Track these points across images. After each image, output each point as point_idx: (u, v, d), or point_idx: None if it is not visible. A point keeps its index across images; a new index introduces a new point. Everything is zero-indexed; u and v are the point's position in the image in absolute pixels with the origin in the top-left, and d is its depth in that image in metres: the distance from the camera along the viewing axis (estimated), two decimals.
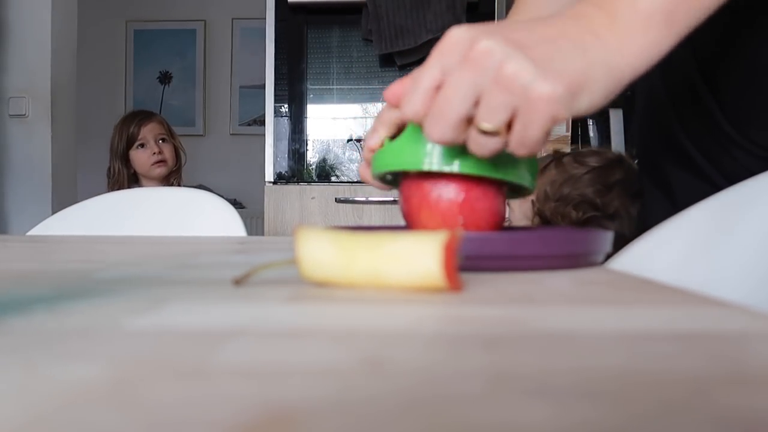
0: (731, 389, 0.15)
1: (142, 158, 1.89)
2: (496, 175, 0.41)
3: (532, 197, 1.00)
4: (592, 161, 1.00)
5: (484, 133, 0.37)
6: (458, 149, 0.40)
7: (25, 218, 2.38)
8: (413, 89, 0.38)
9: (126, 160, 1.90)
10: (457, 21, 1.87)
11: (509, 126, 0.37)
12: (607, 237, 0.43)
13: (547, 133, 0.37)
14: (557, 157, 1.04)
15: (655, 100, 0.69)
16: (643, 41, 0.40)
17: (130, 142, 1.89)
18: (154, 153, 1.88)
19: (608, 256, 0.48)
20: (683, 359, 0.18)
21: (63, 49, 2.50)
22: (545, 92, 0.36)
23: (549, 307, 0.27)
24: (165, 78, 3.92)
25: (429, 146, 0.41)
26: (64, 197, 2.39)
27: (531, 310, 0.26)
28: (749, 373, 0.17)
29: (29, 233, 1.00)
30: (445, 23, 1.87)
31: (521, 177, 0.42)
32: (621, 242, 0.62)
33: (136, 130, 1.88)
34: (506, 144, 0.38)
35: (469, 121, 0.37)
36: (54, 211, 1.75)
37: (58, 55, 2.46)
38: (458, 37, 0.37)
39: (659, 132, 0.69)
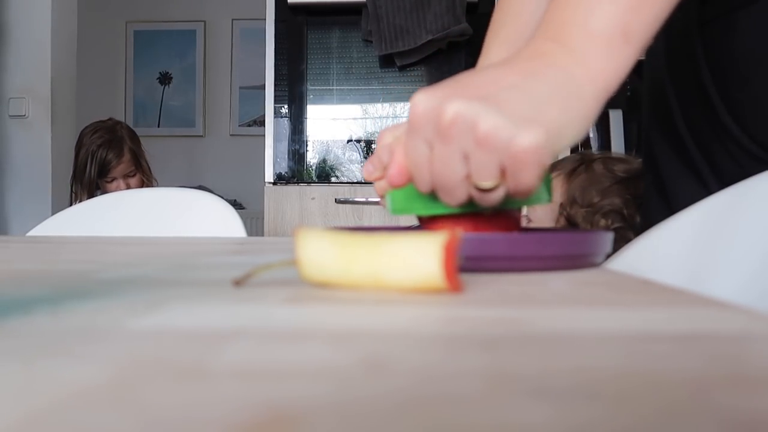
0: (731, 390, 0.15)
1: (110, 188, 1.98)
2: (512, 206, 0.42)
3: (561, 200, 1.00)
4: (620, 170, 0.99)
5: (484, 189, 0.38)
6: None
7: (25, 218, 2.38)
8: (415, 168, 0.40)
9: (93, 186, 1.94)
10: (457, 22, 1.87)
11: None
12: (607, 238, 0.43)
13: (541, 176, 0.37)
14: (587, 161, 1.03)
15: (659, 92, 0.69)
16: (607, 64, 0.41)
17: (101, 174, 1.93)
18: (120, 188, 1.97)
19: (607, 257, 0.48)
20: (683, 360, 0.18)
21: (63, 49, 2.50)
22: (527, 145, 0.36)
23: (549, 308, 0.27)
24: (165, 78, 3.92)
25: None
26: (64, 197, 2.39)
27: (531, 310, 0.26)
28: (749, 374, 0.17)
29: (29, 234, 1.00)
30: (445, 24, 1.87)
31: (537, 199, 0.42)
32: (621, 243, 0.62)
33: (106, 170, 1.93)
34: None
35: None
36: (54, 212, 1.75)
37: (58, 55, 2.46)
38: (424, 107, 0.38)
39: (660, 123, 0.69)
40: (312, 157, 2.02)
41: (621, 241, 0.91)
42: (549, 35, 0.42)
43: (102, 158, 1.93)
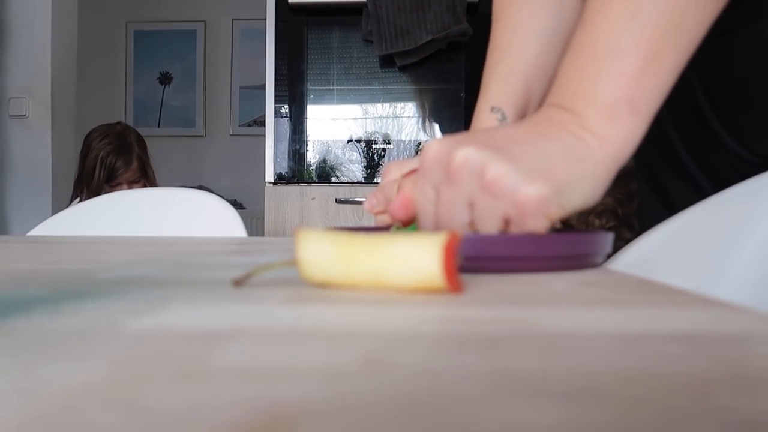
0: (732, 390, 0.15)
1: (113, 192, 1.97)
2: None
3: None
4: None
5: None
6: None
7: (25, 218, 2.38)
8: (420, 211, 0.40)
9: (101, 190, 1.94)
10: (458, 22, 1.87)
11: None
12: (608, 238, 0.43)
13: (547, 228, 0.38)
14: None
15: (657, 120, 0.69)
16: (616, 134, 0.41)
17: (108, 180, 1.93)
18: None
19: (607, 257, 0.48)
20: (684, 360, 0.18)
21: (63, 50, 2.50)
22: (532, 195, 0.36)
23: (549, 309, 0.27)
24: (165, 79, 3.92)
25: None
26: (64, 197, 2.39)
27: (531, 311, 0.26)
28: (750, 374, 0.17)
29: (29, 234, 1.00)
30: (445, 24, 1.87)
31: None
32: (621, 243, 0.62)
33: (113, 176, 1.93)
34: None
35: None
36: (54, 212, 1.75)
37: (58, 55, 2.46)
38: (435, 152, 0.38)
39: (656, 141, 0.69)
40: (312, 157, 2.02)
41: (617, 239, 0.92)
42: (558, 102, 0.43)
43: (111, 165, 1.93)
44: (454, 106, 2.03)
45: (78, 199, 1.94)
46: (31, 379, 0.16)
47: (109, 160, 1.93)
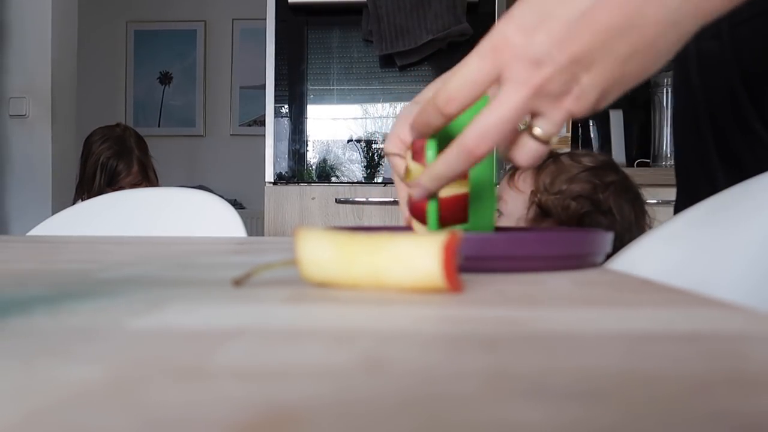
0: (731, 389, 0.15)
1: None
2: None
3: (531, 188, 1.03)
4: (587, 161, 1.05)
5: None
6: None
7: (25, 218, 2.38)
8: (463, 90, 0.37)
9: (102, 194, 1.93)
10: (458, 22, 1.87)
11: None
12: (607, 238, 0.43)
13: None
14: (554, 155, 1.08)
15: (692, 109, 0.68)
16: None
17: (109, 183, 1.92)
18: None
19: (608, 257, 0.48)
20: (683, 359, 0.18)
21: (63, 50, 2.50)
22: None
23: (549, 308, 0.27)
24: (165, 78, 3.92)
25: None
26: (64, 197, 2.39)
27: (531, 310, 0.26)
28: (749, 374, 0.17)
29: (29, 234, 1.00)
30: (446, 24, 1.87)
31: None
32: (622, 243, 0.62)
33: (115, 180, 1.92)
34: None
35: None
36: (54, 212, 1.75)
37: (58, 55, 2.46)
38: (532, 54, 0.35)
39: (694, 141, 0.69)
40: (312, 157, 2.02)
41: (593, 225, 0.94)
42: None
43: (112, 169, 1.92)
44: None
45: (80, 202, 1.94)
46: (31, 379, 0.16)
47: (110, 164, 1.92)
